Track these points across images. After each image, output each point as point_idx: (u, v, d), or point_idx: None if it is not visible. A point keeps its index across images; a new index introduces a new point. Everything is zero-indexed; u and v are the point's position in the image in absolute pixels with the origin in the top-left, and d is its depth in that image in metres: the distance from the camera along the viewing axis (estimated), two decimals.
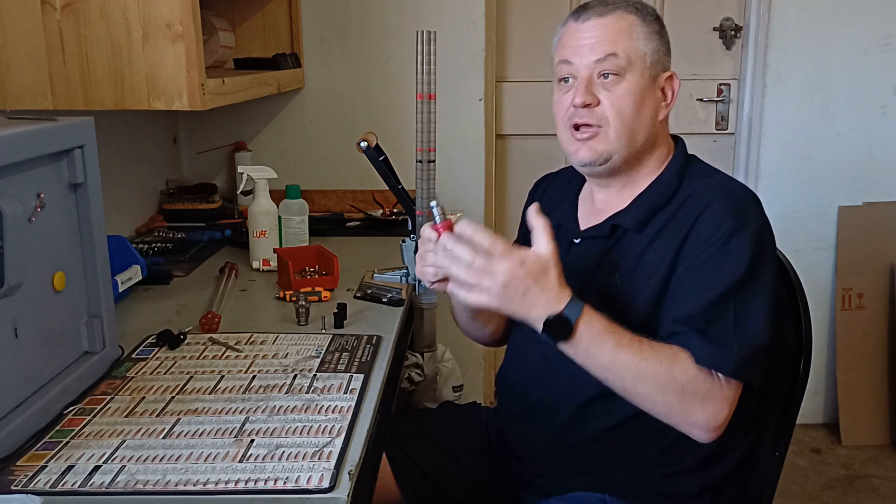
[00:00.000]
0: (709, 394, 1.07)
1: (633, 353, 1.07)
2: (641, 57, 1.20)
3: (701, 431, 1.09)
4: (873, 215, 2.60)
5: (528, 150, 2.67)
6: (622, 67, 1.18)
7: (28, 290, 0.99)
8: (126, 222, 2.07)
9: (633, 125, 1.20)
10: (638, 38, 1.20)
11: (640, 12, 1.22)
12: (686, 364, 1.07)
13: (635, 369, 1.07)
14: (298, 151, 2.49)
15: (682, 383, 1.07)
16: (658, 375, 1.07)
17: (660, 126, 1.24)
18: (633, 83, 1.19)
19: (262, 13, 2.34)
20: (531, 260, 1.06)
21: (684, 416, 1.09)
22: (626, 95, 1.19)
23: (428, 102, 1.33)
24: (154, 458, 0.94)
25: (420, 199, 1.40)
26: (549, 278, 1.06)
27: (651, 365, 1.07)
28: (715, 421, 1.08)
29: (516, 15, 2.59)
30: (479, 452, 1.41)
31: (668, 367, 1.07)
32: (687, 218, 1.16)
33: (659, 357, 1.07)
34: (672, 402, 1.08)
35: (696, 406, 1.08)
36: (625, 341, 1.07)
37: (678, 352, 1.08)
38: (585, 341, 1.07)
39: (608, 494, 1.22)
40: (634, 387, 1.08)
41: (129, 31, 1.37)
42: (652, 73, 1.21)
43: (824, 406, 2.76)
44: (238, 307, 1.52)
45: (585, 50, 1.20)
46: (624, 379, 1.08)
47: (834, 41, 2.49)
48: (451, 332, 1.51)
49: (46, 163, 1.03)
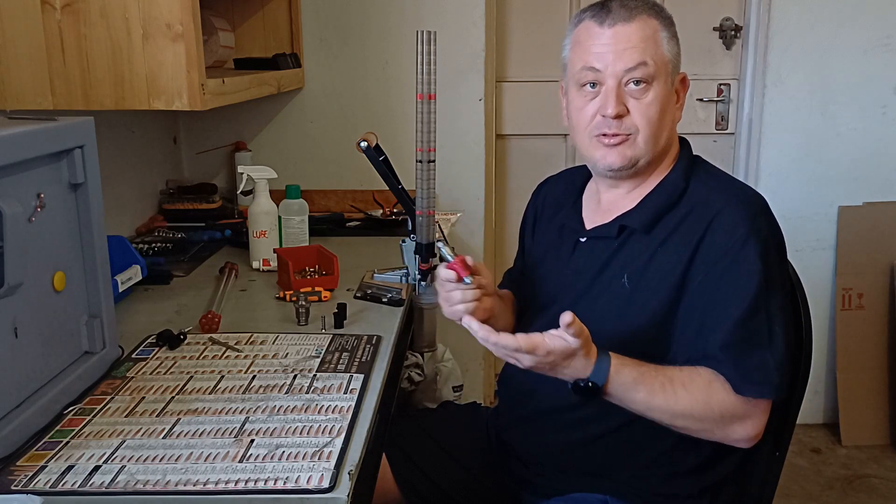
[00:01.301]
0: (747, 413, 1.11)
1: (666, 397, 1.09)
2: (666, 63, 1.19)
3: (743, 444, 1.13)
4: (873, 215, 2.59)
5: (528, 150, 2.67)
6: (651, 75, 1.17)
7: (28, 290, 0.99)
8: (126, 222, 2.07)
9: (659, 130, 1.20)
10: (662, 44, 1.19)
11: (660, 15, 1.21)
12: (722, 395, 1.09)
13: (671, 412, 1.10)
14: (298, 151, 2.49)
15: (721, 412, 1.10)
16: (695, 411, 1.09)
17: (673, 129, 1.25)
18: (659, 90, 1.18)
19: (262, 13, 2.34)
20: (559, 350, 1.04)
21: (725, 436, 1.13)
22: (654, 103, 1.18)
23: (428, 102, 1.33)
24: (154, 458, 0.94)
25: (420, 199, 1.40)
26: (577, 357, 1.06)
27: (686, 404, 1.09)
28: (755, 433, 1.12)
29: (516, 15, 2.59)
30: (479, 452, 1.41)
31: (705, 401, 1.09)
32: (698, 224, 1.15)
33: (693, 395, 1.09)
34: (712, 429, 1.12)
35: (735, 428, 1.11)
36: (657, 386, 1.09)
37: (712, 381, 1.10)
38: (617, 396, 1.09)
39: (609, 495, 1.22)
40: (673, 422, 1.11)
41: (129, 31, 1.37)
42: (673, 79, 1.21)
43: (824, 406, 2.76)
44: (238, 307, 1.52)
45: (612, 57, 1.17)
46: (662, 418, 1.11)
47: (834, 41, 2.49)
48: (451, 332, 1.50)
49: (46, 163, 1.03)
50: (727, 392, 1.09)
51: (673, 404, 1.09)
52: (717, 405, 1.09)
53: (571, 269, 1.27)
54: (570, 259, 1.28)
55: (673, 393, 1.09)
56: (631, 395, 1.09)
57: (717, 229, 1.13)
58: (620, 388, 1.08)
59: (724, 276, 1.11)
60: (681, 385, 1.09)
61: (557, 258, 1.30)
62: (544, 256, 1.34)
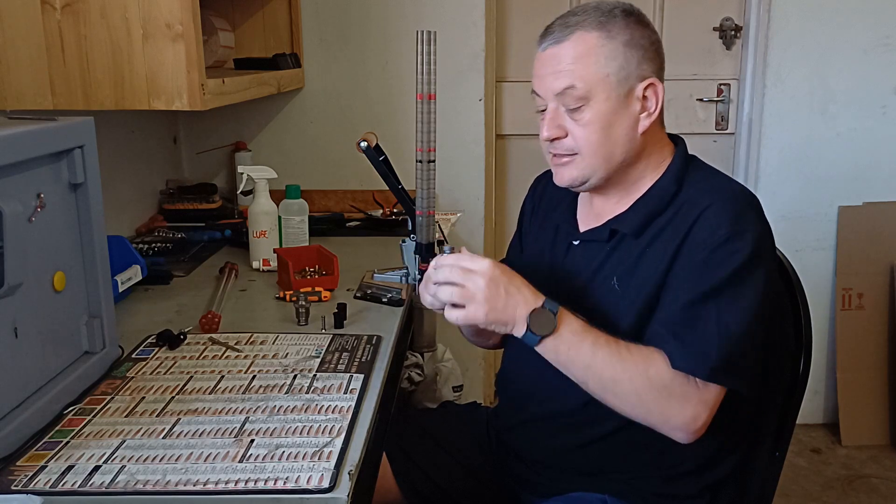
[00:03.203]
0: (685, 395, 1.08)
1: (610, 352, 1.08)
2: (603, 79, 1.14)
3: (682, 434, 1.10)
4: (873, 215, 2.60)
5: (528, 150, 2.67)
6: (582, 97, 1.15)
7: (28, 290, 0.99)
8: (126, 222, 2.07)
9: (604, 149, 1.17)
10: (598, 60, 1.14)
11: (605, 26, 1.15)
12: (661, 366, 1.08)
13: (612, 370, 1.08)
14: (298, 151, 2.49)
15: (658, 385, 1.08)
16: (634, 377, 1.08)
17: (646, 136, 1.20)
18: (597, 109, 1.15)
19: (262, 13, 2.34)
20: (498, 263, 1.10)
21: (663, 419, 1.09)
22: (592, 123, 1.15)
23: (428, 102, 1.33)
24: (154, 458, 0.94)
25: (420, 199, 1.40)
26: (519, 278, 1.11)
27: (627, 366, 1.08)
28: (694, 423, 1.08)
29: (516, 15, 2.59)
30: (479, 452, 1.41)
31: (644, 369, 1.08)
32: (684, 222, 1.15)
33: (634, 358, 1.08)
34: (648, 403, 1.09)
35: (673, 408, 1.08)
36: (601, 341, 1.09)
37: (653, 353, 1.09)
38: (566, 338, 1.08)
39: (608, 495, 1.22)
40: (613, 387, 1.09)
41: (129, 31, 1.37)
42: (620, 92, 1.15)
43: (824, 406, 2.76)
44: (238, 307, 1.52)
45: (547, 81, 1.18)
46: (602, 380, 1.09)
47: (834, 41, 2.49)
48: (451, 332, 1.50)
49: (46, 163, 1.03)
50: (665, 365, 1.08)
51: (616, 362, 1.07)
52: (654, 375, 1.07)
53: (564, 271, 1.27)
54: (564, 260, 1.28)
55: (616, 351, 1.08)
56: (579, 340, 1.08)
57: (701, 226, 1.13)
58: (570, 327, 1.08)
59: (697, 266, 1.11)
60: (625, 347, 1.09)
61: (552, 258, 1.31)
62: (540, 254, 1.34)
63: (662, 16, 2.59)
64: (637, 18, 1.18)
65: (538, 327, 1.08)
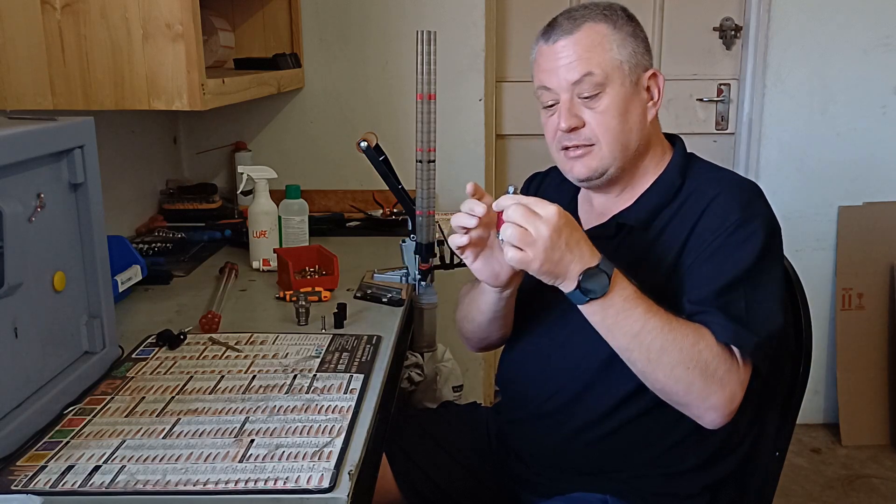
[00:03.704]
0: (727, 375, 1.07)
1: (662, 321, 1.06)
2: (618, 66, 1.18)
3: (715, 414, 1.08)
4: (873, 215, 2.60)
5: (528, 150, 2.67)
6: (600, 84, 1.17)
7: (28, 290, 0.99)
8: (126, 222, 2.07)
9: (623, 136, 1.19)
10: (611, 48, 1.18)
11: (610, 18, 1.19)
12: (710, 341, 1.07)
13: (663, 339, 1.05)
14: (298, 151, 2.49)
15: (707, 360, 1.06)
16: (685, 348, 1.05)
17: (652, 126, 1.23)
18: (614, 95, 1.17)
19: (262, 13, 2.34)
20: (565, 212, 1.04)
21: (703, 396, 1.07)
22: (610, 109, 1.18)
23: (428, 102, 1.33)
24: (154, 458, 0.94)
25: (420, 199, 1.40)
26: (580, 232, 1.06)
27: (679, 337, 1.05)
28: (731, 404, 1.08)
29: (516, 15, 2.59)
30: (480, 452, 1.41)
31: (695, 342, 1.06)
32: (693, 211, 1.16)
33: (686, 330, 1.06)
34: (694, 378, 1.06)
35: (714, 385, 1.07)
36: (654, 309, 1.06)
37: (701, 328, 1.08)
38: (618, 303, 1.05)
39: (609, 495, 1.22)
40: (660, 358, 1.06)
41: (129, 31, 1.37)
42: (632, 79, 1.19)
43: (824, 406, 2.76)
44: (238, 307, 1.52)
45: (561, 72, 1.18)
46: (650, 349, 1.06)
47: (834, 41, 2.49)
48: (451, 332, 1.50)
49: (46, 163, 1.03)
50: (713, 340, 1.07)
51: (668, 331, 1.05)
52: (704, 349, 1.06)
53: None
54: None
55: (668, 320, 1.06)
56: (631, 305, 1.05)
57: (711, 214, 1.14)
58: (623, 292, 1.05)
59: (717, 252, 1.11)
60: (675, 320, 1.07)
61: None
62: None
63: (662, 16, 2.59)
64: (630, 15, 1.23)
65: (589, 287, 1.04)
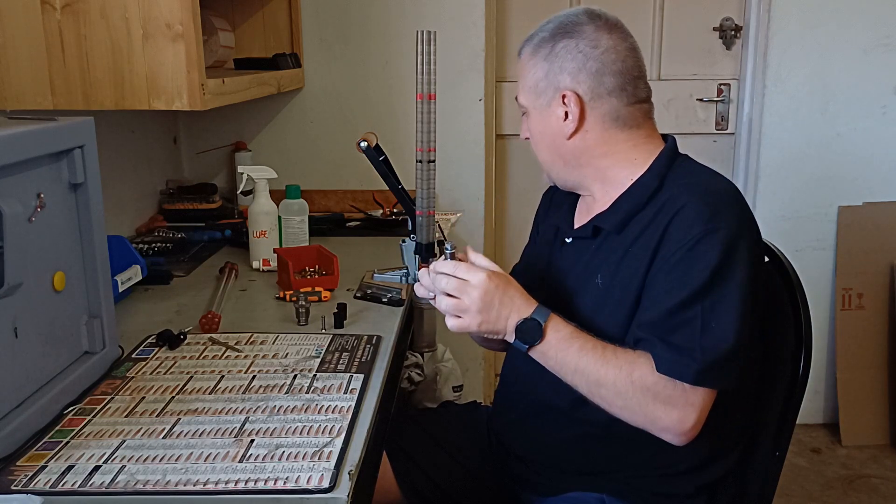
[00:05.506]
0: (670, 398, 1.08)
1: (595, 357, 1.11)
2: (531, 90, 1.24)
3: (671, 435, 1.11)
4: (873, 215, 2.60)
5: (528, 150, 2.63)
6: (523, 108, 1.27)
7: (28, 290, 0.99)
8: (126, 222, 2.07)
9: (548, 153, 1.27)
10: (525, 74, 1.24)
11: (530, 41, 1.25)
12: (644, 369, 1.09)
13: (596, 374, 1.11)
14: (298, 151, 2.49)
15: (641, 388, 1.09)
16: (617, 381, 1.10)
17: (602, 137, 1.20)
18: (532, 119, 1.26)
19: (262, 13, 2.34)
20: (495, 274, 1.14)
21: (649, 420, 1.11)
22: (531, 131, 1.27)
23: (428, 102, 1.33)
24: (154, 458, 0.94)
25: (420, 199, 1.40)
26: (514, 287, 1.14)
27: (611, 370, 1.10)
28: (682, 425, 1.09)
29: (516, 15, 2.59)
30: (479, 452, 1.41)
31: (628, 373, 1.09)
32: (662, 222, 1.14)
33: (619, 363, 1.10)
34: (633, 406, 1.10)
35: (657, 410, 1.09)
36: (588, 346, 1.12)
37: (638, 357, 1.10)
38: (553, 345, 1.12)
39: (606, 494, 1.22)
40: (598, 391, 1.11)
41: (129, 31, 1.37)
42: (542, 102, 1.23)
43: (824, 406, 2.76)
44: (238, 307, 1.52)
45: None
46: (589, 383, 1.12)
47: (834, 41, 2.49)
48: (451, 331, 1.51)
49: (46, 163, 1.03)
50: (650, 368, 1.09)
51: (600, 366, 1.10)
52: (638, 379, 1.08)
53: (557, 269, 1.28)
54: (557, 259, 1.30)
55: (602, 356, 1.10)
56: (566, 346, 1.11)
57: (677, 225, 1.12)
58: (557, 335, 1.12)
59: (675, 268, 1.11)
60: (611, 352, 1.11)
61: (549, 257, 1.32)
62: (539, 255, 1.36)
63: (662, 16, 2.59)
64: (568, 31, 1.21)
65: (525, 336, 1.12)
